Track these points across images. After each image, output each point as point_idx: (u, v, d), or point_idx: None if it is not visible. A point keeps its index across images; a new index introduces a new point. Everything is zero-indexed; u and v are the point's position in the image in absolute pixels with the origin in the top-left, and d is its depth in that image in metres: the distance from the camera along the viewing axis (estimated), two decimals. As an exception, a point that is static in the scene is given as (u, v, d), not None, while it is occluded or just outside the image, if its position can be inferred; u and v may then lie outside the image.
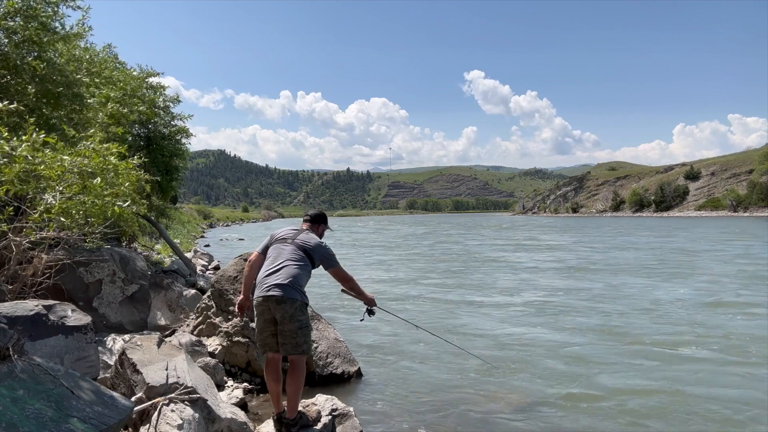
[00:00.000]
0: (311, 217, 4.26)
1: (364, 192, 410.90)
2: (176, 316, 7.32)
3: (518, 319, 8.85)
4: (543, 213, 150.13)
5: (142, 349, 3.83)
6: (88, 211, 4.73)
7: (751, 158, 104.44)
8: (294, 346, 3.64)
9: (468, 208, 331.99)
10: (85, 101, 7.12)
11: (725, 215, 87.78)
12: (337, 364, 5.67)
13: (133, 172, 6.07)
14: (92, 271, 5.63)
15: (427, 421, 4.62)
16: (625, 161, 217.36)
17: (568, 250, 23.48)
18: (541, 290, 11.90)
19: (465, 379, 5.74)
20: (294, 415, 3.68)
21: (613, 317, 8.81)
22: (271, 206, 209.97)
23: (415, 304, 10.29)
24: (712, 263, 16.59)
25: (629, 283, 12.61)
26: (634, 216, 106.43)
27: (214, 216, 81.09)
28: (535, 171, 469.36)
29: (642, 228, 45.98)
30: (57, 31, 6.97)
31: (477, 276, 14.63)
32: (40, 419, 2.32)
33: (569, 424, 4.56)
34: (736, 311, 9.06)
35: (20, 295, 4.47)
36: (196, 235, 36.18)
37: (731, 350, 6.67)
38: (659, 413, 4.74)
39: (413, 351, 6.88)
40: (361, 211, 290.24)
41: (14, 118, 5.04)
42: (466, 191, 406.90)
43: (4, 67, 6.13)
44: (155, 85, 13.86)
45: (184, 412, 3.23)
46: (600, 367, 6.12)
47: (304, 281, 3.82)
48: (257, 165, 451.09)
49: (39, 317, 3.58)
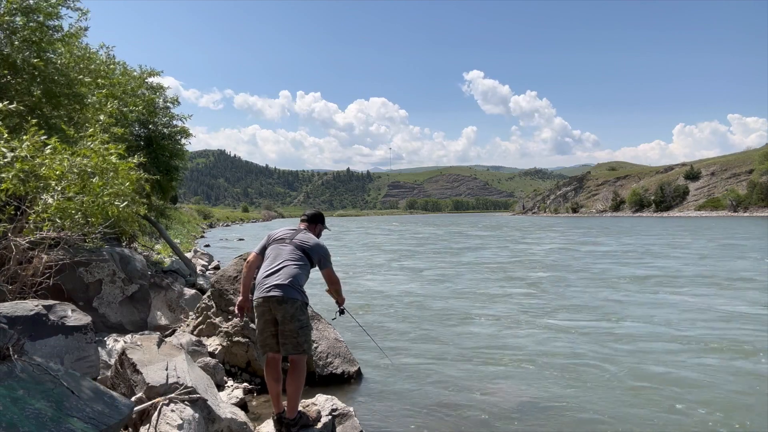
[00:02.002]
0: (308, 217, 4.27)
1: (364, 192, 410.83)
2: (176, 316, 7.32)
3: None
4: (543, 213, 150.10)
5: (142, 349, 3.83)
6: (87, 211, 4.73)
7: (751, 158, 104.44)
8: (295, 346, 3.65)
9: (468, 208, 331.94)
10: (85, 101, 7.13)
11: (725, 215, 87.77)
12: (337, 364, 5.67)
13: (133, 172, 6.07)
14: (92, 271, 5.62)
15: (427, 421, 4.62)
16: (625, 161, 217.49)
17: (668, 257, 19.15)
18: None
19: (465, 379, 5.74)
20: (294, 415, 3.68)
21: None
22: (271, 206, 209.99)
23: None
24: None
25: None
26: (634, 216, 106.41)
27: (214, 216, 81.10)
28: (535, 171, 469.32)
29: (690, 228, 42.95)
30: (57, 30, 6.97)
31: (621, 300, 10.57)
32: (40, 419, 2.32)
33: (570, 424, 4.55)
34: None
35: (20, 295, 4.46)
36: (196, 235, 36.19)
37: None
38: (664, 413, 4.74)
39: (413, 351, 6.88)
40: (361, 211, 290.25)
41: (15, 119, 5.04)
42: (466, 191, 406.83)
43: (5, 67, 6.13)
44: (155, 86, 13.87)
45: (184, 412, 3.22)
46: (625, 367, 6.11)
47: (303, 281, 3.83)
48: (257, 165, 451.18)
49: (39, 317, 3.58)
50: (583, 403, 5.01)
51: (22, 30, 6.21)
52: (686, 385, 5.46)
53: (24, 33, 6.20)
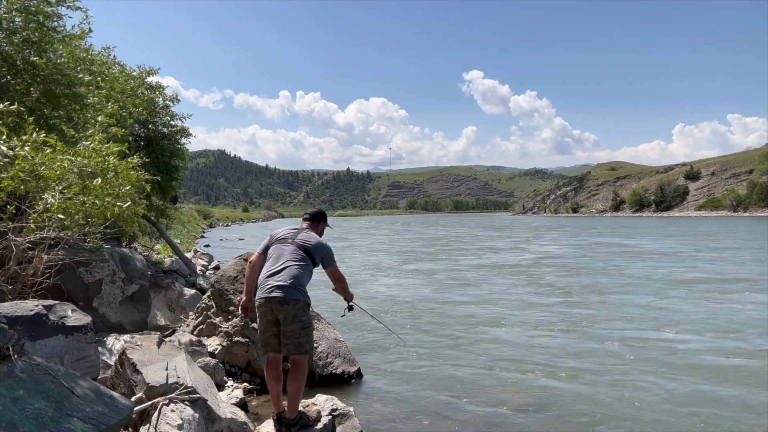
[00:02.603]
0: (311, 216, 4.26)
1: (364, 192, 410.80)
2: (176, 316, 7.31)
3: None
4: (543, 213, 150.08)
5: (142, 349, 3.83)
6: (88, 211, 4.73)
7: (751, 158, 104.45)
8: (297, 346, 3.65)
9: (468, 209, 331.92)
10: (85, 101, 7.12)
11: (725, 215, 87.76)
12: (337, 364, 5.67)
13: (133, 172, 6.06)
14: (92, 271, 5.62)
15: (427, 421, 4.62)
16: (625, 161, 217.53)
17: (688, 259, 18.51)
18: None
19: (465, 379, 5.73)
20: (294, 415, 3.68)
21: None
22: (271, 206, 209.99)
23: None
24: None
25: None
26: (634, 216, 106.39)
27: (214, 216, 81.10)
28: (535, 171, 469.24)
29: (705, 229, 41.74)
30: (57, 30, 6.96)
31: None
32: (40, 419, 2.32)
33: (571, 424, 4.55)
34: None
35: (20, 295, 4.46)
36: (196, 235, 36.20)
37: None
38: (666, 414, 4.74)
39: (413, 351, 6.88)
40: (361, 211, 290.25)
41: (14, 118, 5.04)
42: (466, 191, 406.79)
43: (5, 66, 6.12)
44: (155, 85, 13.85)
45: (184, 412, 3.22)
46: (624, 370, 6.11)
47: (305, 281, 3.83)
48: (257, 165, 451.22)
49: (39, 317, 3.58)
50: (587, 406, 5.01)
51: (22, 30, 6.20)
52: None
53: (24, 33, 6.20)
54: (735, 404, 4.93)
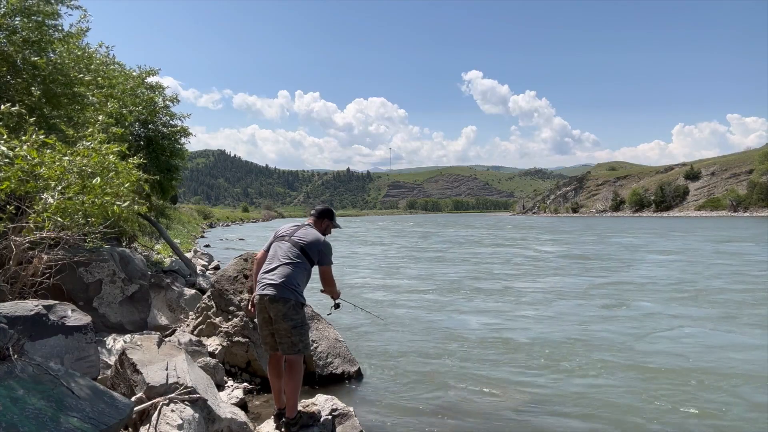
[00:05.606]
0: (317, 213, 4.20)
1: (364, 192, 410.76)
2: (176, 316, 7.31)
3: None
4: (543, 213, 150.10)
5: (142, 349, 3.83)
6: (87, 211, 4.73)
7: (751, 158, 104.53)
8: (290, 346, 3.64)
9: (468, 208, 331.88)
10: (84, 101, 7.12)
11: (725, 215, 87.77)
12: (337, 364, 5.67)
13: (133, 171, 6.06)
14: (92, 271, 5.62)
15: (427, 421, 4.61)
16: (625, 161, 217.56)
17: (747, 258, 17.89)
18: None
19: (466, 379, 5.73)
20: (293, 414, 3.69)
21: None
22: (271, 206, 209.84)
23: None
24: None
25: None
26: (633, 216, 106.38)
27: (214, 216, 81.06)
28: (535, 171, 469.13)
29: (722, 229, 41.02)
30: (58, 29, 6.96)
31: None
32: (40, 419, 2.32)
33: (571, 424, 4.55)
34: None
35: (20, 295, 4.46)
36: (196, 235, 36.19)
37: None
38: (665, 413, 4.74)
39: (413, 351, 6.87)
40: (361, 211, 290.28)
41: (14, 118, 5.03)
42: (466, 191, 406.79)
43: (5, 66, 6.12)
44: (154, 85, 13.85)
45: (184, 412, 3.22)
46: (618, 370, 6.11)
47: (300, 280, 3.77)
48: (257, 165, 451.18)
49: (39, 317, 3.58)
50: (588, 406, 5.01)
51: (22, 30, 6.20)
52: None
53: (24, 33, 6.20)
54: (738, 404, 4.93)
